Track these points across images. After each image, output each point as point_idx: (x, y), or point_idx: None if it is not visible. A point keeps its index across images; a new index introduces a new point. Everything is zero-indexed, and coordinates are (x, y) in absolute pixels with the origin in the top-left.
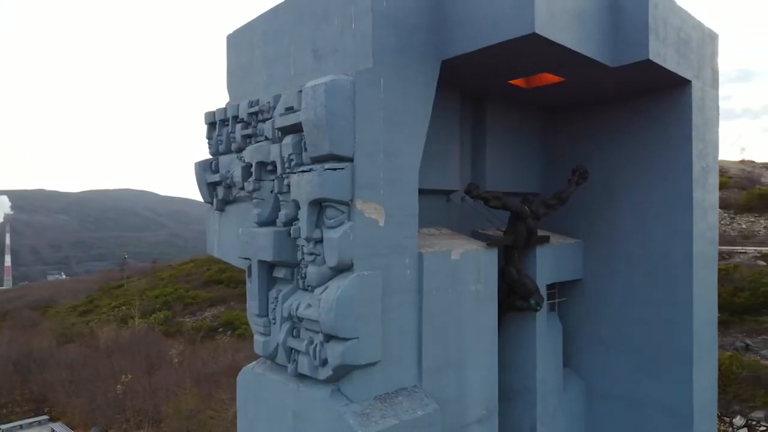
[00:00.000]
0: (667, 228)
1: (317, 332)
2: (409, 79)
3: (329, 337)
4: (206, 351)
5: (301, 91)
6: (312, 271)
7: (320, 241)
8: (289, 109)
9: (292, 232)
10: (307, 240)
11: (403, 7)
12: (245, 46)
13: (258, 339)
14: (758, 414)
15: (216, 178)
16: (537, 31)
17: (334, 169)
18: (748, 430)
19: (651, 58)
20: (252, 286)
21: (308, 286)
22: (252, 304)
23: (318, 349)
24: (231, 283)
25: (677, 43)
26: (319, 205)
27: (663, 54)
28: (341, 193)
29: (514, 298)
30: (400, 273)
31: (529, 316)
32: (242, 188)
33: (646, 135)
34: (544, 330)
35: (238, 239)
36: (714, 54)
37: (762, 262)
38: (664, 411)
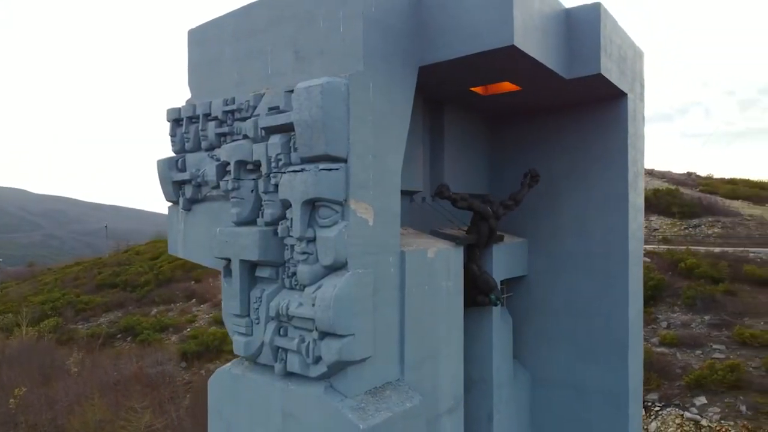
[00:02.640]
0: (605, 228)
1: (310, 330)
2: (394, 83)
3: (324, 335)
4: (107, 359)
5: (290, 92)
6: (304, 270)
7: (312, 240)
8: (274, 109)
9: (279, 231)
10: (300, 239)
11: (389, 13)
12: (211, 43)
13: (239, 339)
14: (653, 396)
15: (183, 176)
16: (515, 44)
17: (329, 170)
18: (645, 410)
19: (602, 72)
20: (232, 287)
21: (296, 285)
22: (231, 305)
23: (311, 346)
24: (128, 287)
25: (618, 59)
26: (311, 205)
27: (609, 69)
28: (336, 193)
29: (475, 293)
30: (385, 271)
31: (485, 311)
32: (215, 187)
33: (587, 142)
34: (498, 324)
35: (216, 239)
36: (642, 70)
37: (647, 259)
38: (602, 395)
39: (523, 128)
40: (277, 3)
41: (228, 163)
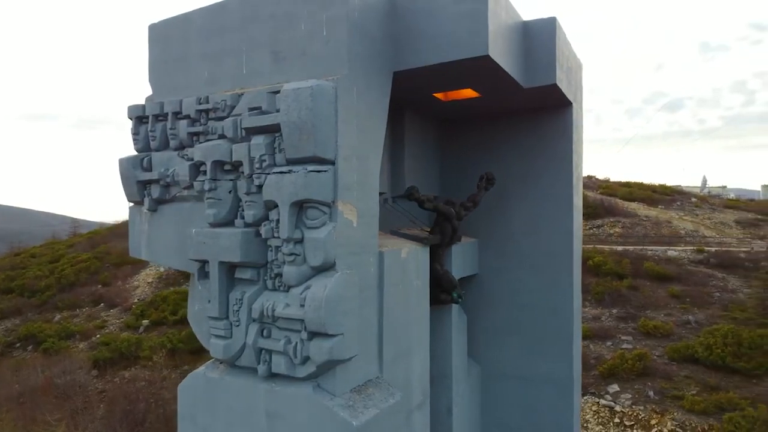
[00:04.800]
0: (552, 228)
1: (298, 331)
2: (373, 88)
3: (313, 335)
4: (7, 370)
5: (274, 93)
6: (290, 271)
7: (300, 241)
8: (255, 109)
9: (263, 232)
10: (288, 240)
11: (369, 19)
12: (176, 39)
13: (217, 343)
14: None
15: (151, 176)
16: (489, 54)
17: (318, 171)
18: None
19: (556, 82)
20: (210, 289)
21: (281, 286)
22: (209, 308)
23: (298, 347)
24: (25, 292)
25: (567, 70)
26: (299, 206)
27: (561, 79)
28: (325, 195)
29: (437, 291)
30: (366, 271)
31: (445, 308)
32: (187, 187)
33: (536, 147)
34: (456, 321)
35: (192, 240)
36: (581, 80)
37: None
38: (549, 384)
39: (475, 133)
40: (252, 2)
41: (202, 163)
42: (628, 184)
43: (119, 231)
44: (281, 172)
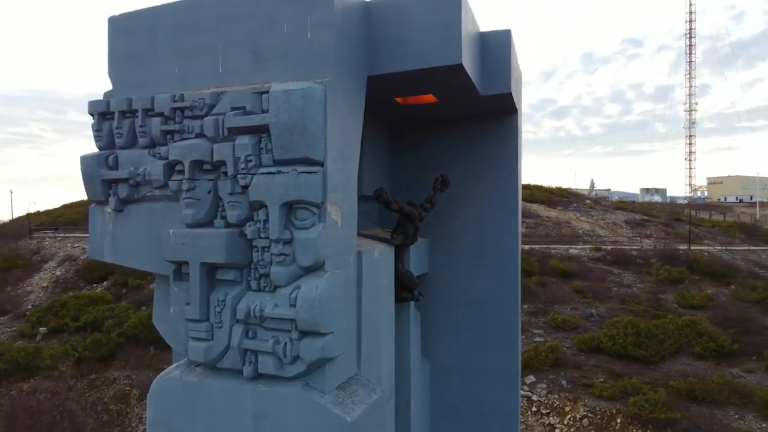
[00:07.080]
0: (499, 228)
1: (287, 330)
2: (354, 91)
3: (303, 334)
4: None
5: (260, 93)
6: (279, 272)
7: (289, 241)
8: (237, 109)
9: (249, 233)
10: (277, 241)
11: (350, 23)
12: (142, 34)
13: (197, 345)
14: None
15: (118, 174)
16: (462, 62)
17: (309, 173)
18: None
19: (510, 91)
20: (189, 291)
21: (266, 286)
22: (188, 310)
23: (288, 346)
24: None
25: (515, 80)
26: (288, 207)
27: (512, 88)
28: (315, 196)
29: (399, 290)
30: (348, 270)
31: (404, 306)
32: (160, 187)
33: (483, 152)
34: (413, 318)
35: (170, 241)
36: (521, 89)
37: None
38: (495, 377)
39: (426, 137)
40: (230, 1)
41: (178, 162)
42: (528, 186)
43: (4, 232)
44: (269, 173)
